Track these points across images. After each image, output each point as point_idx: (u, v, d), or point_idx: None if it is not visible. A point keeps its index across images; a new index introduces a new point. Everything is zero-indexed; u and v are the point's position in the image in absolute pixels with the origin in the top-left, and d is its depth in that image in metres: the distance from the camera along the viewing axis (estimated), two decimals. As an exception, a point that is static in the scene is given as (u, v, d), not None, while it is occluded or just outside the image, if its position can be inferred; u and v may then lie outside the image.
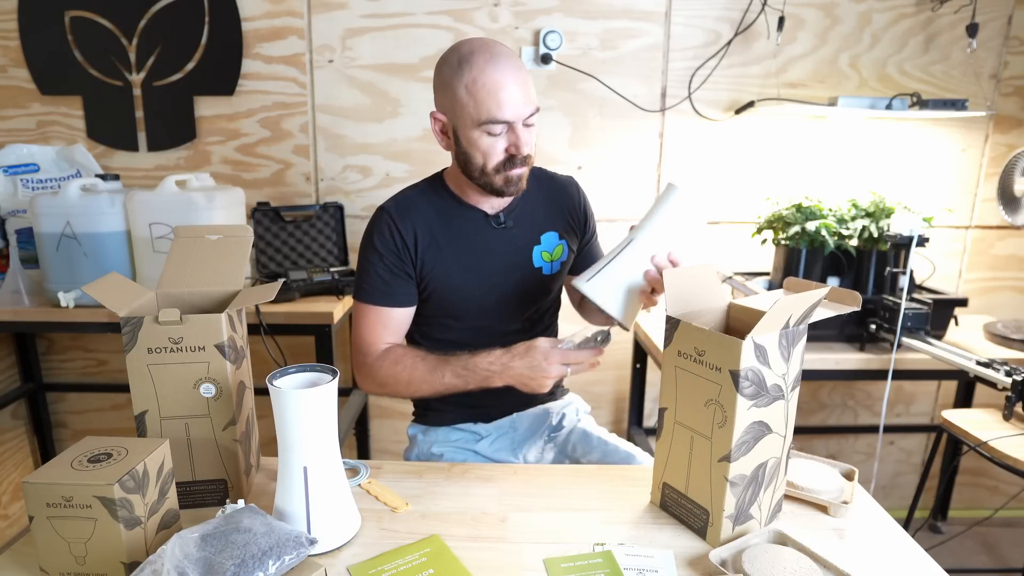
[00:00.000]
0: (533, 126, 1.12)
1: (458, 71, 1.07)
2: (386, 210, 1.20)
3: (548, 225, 1.26)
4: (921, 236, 1.72)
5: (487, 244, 1.21)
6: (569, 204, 1.30)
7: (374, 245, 1.18)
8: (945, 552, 2.18)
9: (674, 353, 0.90)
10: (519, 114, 1.07)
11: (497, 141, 1.09)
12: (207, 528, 0.71)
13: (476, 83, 1.05)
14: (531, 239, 1.24)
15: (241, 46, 2.05)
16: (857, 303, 0.90)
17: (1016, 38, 2.09)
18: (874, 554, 0.87)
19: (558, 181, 1.33)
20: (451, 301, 1.22)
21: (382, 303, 1.19)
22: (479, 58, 1.06)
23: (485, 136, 1.08)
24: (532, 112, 1.10)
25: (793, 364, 0.87)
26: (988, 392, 1.77)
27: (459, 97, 1.07)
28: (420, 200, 1.21)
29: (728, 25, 2.06)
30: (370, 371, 1.19)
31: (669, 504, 0.95)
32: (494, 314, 1.24)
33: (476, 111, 1.06)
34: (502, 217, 1.22)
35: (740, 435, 0.83)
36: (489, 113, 1.06)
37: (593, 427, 1.38)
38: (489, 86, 1.05)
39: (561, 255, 1.27)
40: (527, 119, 1.09)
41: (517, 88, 1.06)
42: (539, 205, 1.27)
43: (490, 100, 1.05)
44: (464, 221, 1.21)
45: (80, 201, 1.70)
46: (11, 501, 2.22)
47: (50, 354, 2.31)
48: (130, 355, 0.89)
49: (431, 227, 1.19)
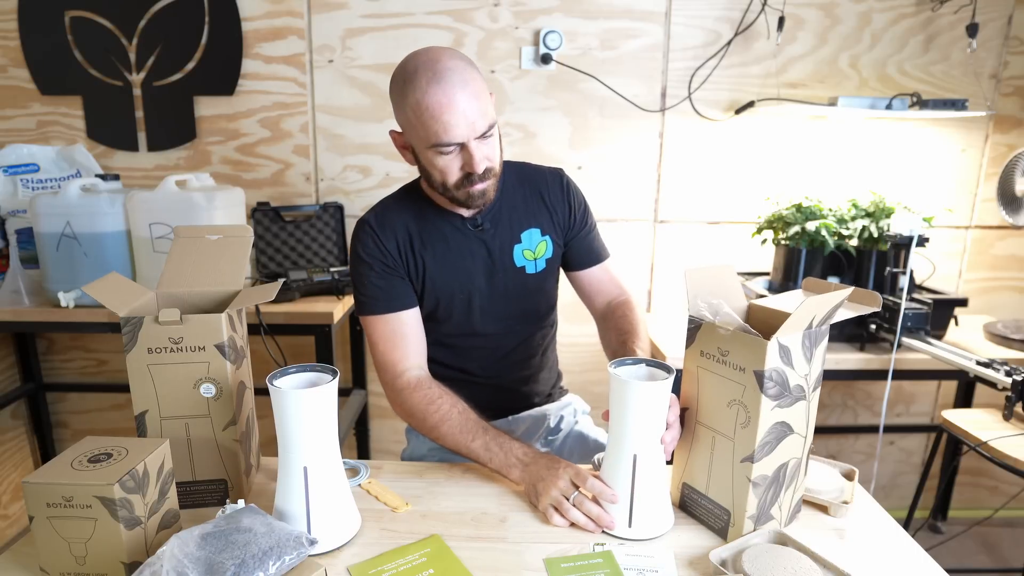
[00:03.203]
0: (491, 137, 1.07)
1: (404, 91, 1.03)
2: (366, 222, 1.19)
3: (529, 222, 1.23)
4: (921, 236, 1.72)
5: (466, 247, 1.20)
6: (551, 197, 1.26)
7: (361, 258, 1.17)
8: (945, 552, 2.17)
9: (696, 353, 0.90)
10: (467, 134, 1.03)
11: (451, 160, 1.06)
12: (207, 528, 0.71)
13: (420, 106, 1.01)
14: (511, 239, 1.22)
15: (241, 46, 2.05)
16: (877, 304, 0.90)
17: (1016, 38, 2.09)
18: (874, 554, 0.87)
19: (541, 174, 1.28)
20: (435, 304, 1.21)
21: (386, 310, 1.17)
22: (422, 78, 1.01)
23: (439, 156, 1.05)
24: (485, 129, 1.04)
25: (815, 365, 0.87)
26: (988, 392, 1.76)
27: (409, 120, 1.05)
28: (398, 207, 1.20)
29: (728, 25, 2.06)
30: (399, 398, 1.15)
31: (689, 504, 0.95)
32: (480, 316, 1.23)
33: (424, 134, 1.03)
34: (479, 219, 1.20)
35: (763, 435, 0.83)
36: (436, 136, 1.02)
37: (590, 428, 1.37)
38: (432, 109, 1.00)
39: (545, 252, 1.24)
40: (481, 135, 1.04)
41: (463, 107, 1.01)
42: (518, 203, 1.24)
43: (435, 123, 1.01)
44: (442, 225, 1.19)
45: (80, 201, 1.70)
46: (11, 501, 2.22)
47: (50, 354, 2.31)
48: (130, 355, 0.89)
49: (410, 233, 1.18)
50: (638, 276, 2.22)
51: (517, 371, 1.31)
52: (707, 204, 2.18)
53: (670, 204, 2.18)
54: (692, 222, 2.20)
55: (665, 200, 2.17)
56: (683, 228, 2.20)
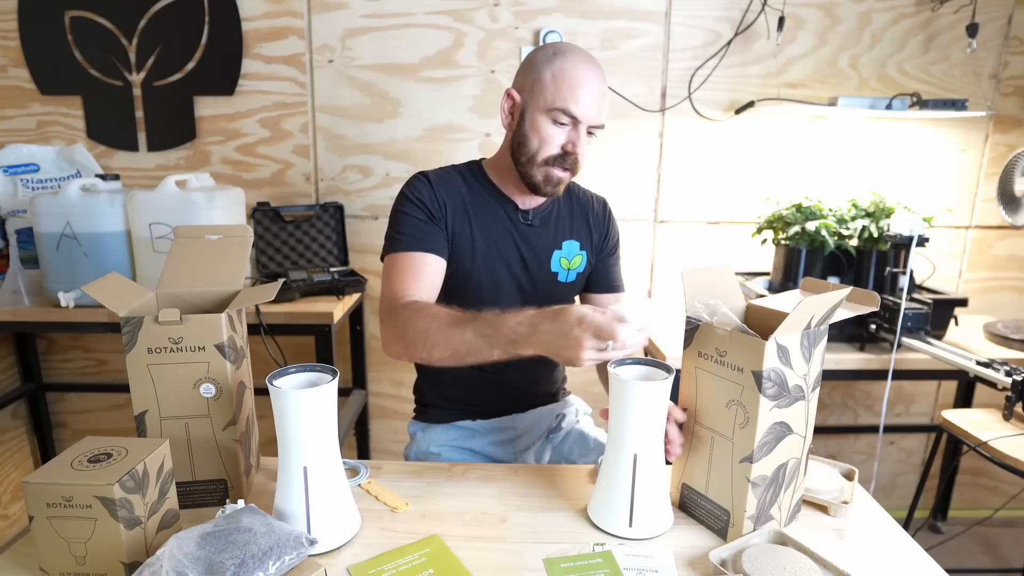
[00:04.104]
0: (593, 137, 1.15)
1: (551, 58, 1.12)
2: (425, 175, 1.22)
3: (572, 234, 1.28)
4: (921, 236, 1.72)
5: (509, 235, 1.23)
6: (595, 218, 1.32)
7: (409, 199, 1.17)
8: (945, 552, 2.17)
9: (694, 354, 0.90)
10: (588, 116, 1.11)
11: (558, 132, 1.12)
12: (207, 528, 0.71)
13: (564, 73, 1.10)
14: (552, 243, 1.26)
15: (241, 46, 2.05)
16: (876, 304, 0.90)
17: (1016, 38, 2.09)
18: (874, 554, 0.87)
19: (589, 197, 1.34)
20: (465, 281, 1.21)
21: (416, 248, 1.14)
22: (574, 56, 1.11)
23: (550, 124, 1.12)
24: (599, 124, 1.14)
25: (814, 365, 0.87)
26: (988, 392, 1.76)
27: (543, 79, 1.11)
28: (457, 176, 1.24)
29: (728, 25, 2.06)
30: (391, 321, 1.08)
31: (688, 504, 0.95)
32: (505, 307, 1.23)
33: (553, 96, 1.10)
34: (530, 214, 1.24)
35: (762, 436, 0.83)
36: (564, 102, 1.09)
37: (591, 428, 1.38)
38: (574, 80, 1.09)
39: (579, 265, 1.29)
40: (592, 127, 1.13)
41: (596, 93, 1.11)
42: (566, 214, 1.29)
43: (569, 92, 1.09)
44: (494, 206, 1.22)
45: (80, 201, 1.70)
46: (11, 501, 2.22)
47: (50, 354, 2.31)
48: (130, 355, 0.89)
49: (464, 201, 1.20)
50: (638, 276, 2.22)
51: (526, 369, 1.31)
52: (707, 204, 2.18)
53: (670, 204, 2.18)
54: (692, 222, 2.20)
55: (665, 200, 2.17)
56: (683, 228, 2.20)
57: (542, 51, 1.14)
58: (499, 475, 1.07)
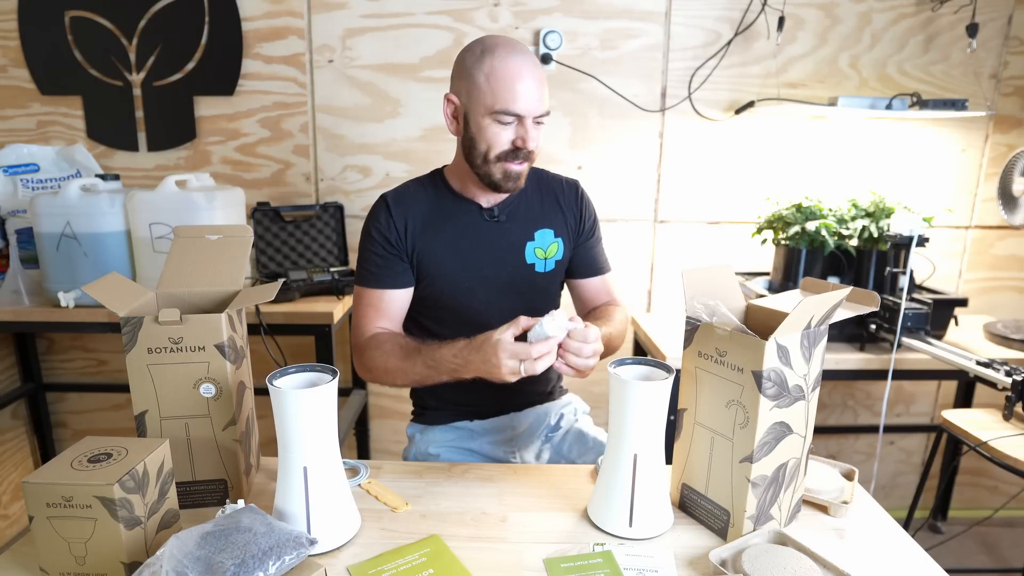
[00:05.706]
0: (542, 125, 1.15)
1: (480, 59, 1.11)
2: (384, 198, 1.24)
3: (543, 222, 1.27)
4: (921, 236, 1.72)
5: (479, 236, 1.23)
6: (566, 202, 1.30)
7: (370, 232, 1.23)
8: (945, 552, 2.17)
9: (694, 354, 0.90)
10: (531, 109, 1.10)
11: (504, 131, 1.12)
12: (207, 528, 0.71)
13: (495, 72, 1.09)
14: (524, 235, 1.25)
15: (241, 46, 2.05)
16: (875, 303, 0.90)
17: (1016, 38, 2.09)
18: (874, 554, 0.87)
19: (558, 181, 1.33)
20: (442, 290, 1.23)
21: (374, 285, 1.22)
22: (502, 51, 1.10)
23: (494, 124, 1.11)
24: (543, 112, 1.13)
25: (814, 365, 0.87)
26: (988, 392, 1.76)
27: (477, 83, 1.11)
28: (417, 190, 1.25)
29: (728, 25, 2.06)
30: (360, 355, 1.20)
31: (688, 504, 0.95)
32: (485, 307, 1.24)
33: (491, 98, 1.09)
34: (496, 211, 1.24)
35: (762, 436, 0.83)
36: (503, 102, 1.09)
37: (590, 427, 1.37)
38: (507, 77, 1.09)
39: (556, 253, 1.28)
40: (537, 117, 1.12)
41: (533, 84, 1.10)
42: (535, 203, 1.28)
43: (506, 90, 1.09)
44: (458, 212, 1.23)
45: (80, 201, 1.70)
46: (11, 501, 2.22)
47: (50, 354, 2.31)
48: (130, 355, 0.89)
49: (425, 216, 1.22)
50: (638, 276, 2.23)
51: None
52: (707, 204, 2.18)
53: (670, 204, 2.18)
54: (692, 222, 2.20)
55: (665, 200, 2.17)
56: (683, 228, 2.20)
57: (470, 52, 1.13)
58: (499, 475, 1.07)
